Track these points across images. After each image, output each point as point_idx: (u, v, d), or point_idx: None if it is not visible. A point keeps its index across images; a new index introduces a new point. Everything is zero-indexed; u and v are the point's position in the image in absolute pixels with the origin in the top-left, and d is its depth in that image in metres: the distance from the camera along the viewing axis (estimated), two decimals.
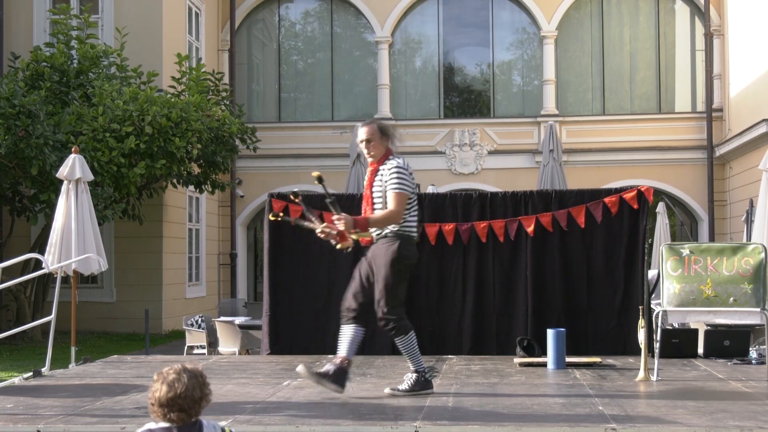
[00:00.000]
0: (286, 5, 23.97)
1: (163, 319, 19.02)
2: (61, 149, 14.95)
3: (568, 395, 7.29)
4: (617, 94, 23.00)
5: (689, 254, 8.15)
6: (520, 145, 22.40)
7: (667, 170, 21.98)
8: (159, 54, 19.29)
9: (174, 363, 3.52)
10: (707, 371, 8.59)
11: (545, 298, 10.45)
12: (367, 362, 9.45)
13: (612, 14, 23.06)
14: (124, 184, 16.06)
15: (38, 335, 16.71)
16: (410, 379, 7.20)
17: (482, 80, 23.76)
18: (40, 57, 16.93)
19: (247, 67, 24.11)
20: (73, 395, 7.49)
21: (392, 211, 6.96)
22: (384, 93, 22.93)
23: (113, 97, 15.94)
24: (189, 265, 20.95)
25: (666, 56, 22.98)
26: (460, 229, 10.59)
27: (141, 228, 18.36)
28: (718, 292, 7.98)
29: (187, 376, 3.60)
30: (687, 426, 5.89)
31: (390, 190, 6.98)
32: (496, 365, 9.22)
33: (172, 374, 3.59)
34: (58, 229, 10.50)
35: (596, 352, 9.96)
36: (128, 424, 6.07)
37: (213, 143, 17.70)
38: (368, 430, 5.97)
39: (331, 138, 22.31)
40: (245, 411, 6.55)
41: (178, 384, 3.57)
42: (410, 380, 7.19)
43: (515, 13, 23.22)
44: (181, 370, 3.62)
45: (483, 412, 6.51)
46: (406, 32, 23.56)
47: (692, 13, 22.87)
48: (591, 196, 10.60)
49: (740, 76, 20.80)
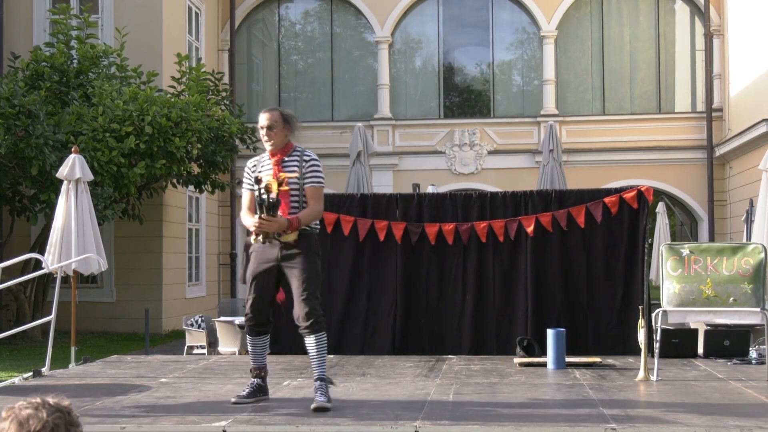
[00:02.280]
0: (286, 5, 23.96)
1: (163, 319, 19.01)
2: (61, 149, 14.94)
3: (568, 395, 7.29)
4: (617, 94, 23.00)
5: (689, 254, 8.15)
6: (520, 145, 22.40)
7: (667, 170, 21.98)
8: (159, 54, 19.29)
9: (35, 396, 2.67)
10: (707, 371, 8.59)
11: (545, 298, 10.46)
12: (366, 362, 9.46)
13: (612, 14, 23.06)
14: (123, 184, 16.05)
15: (38, 335, 16.70)
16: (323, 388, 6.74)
17: (482, 80, 23.76)
18: (40, 57, 16.92)
19: (247, 67, 24.11)
20: (73, 395, 7.48)
21: (318, 207, 6.80)
22: (384, 93, 22.93)
23: (113, 97, 15.93)
24: (189, 265, 20.94)
25: (666, 56, 22.98)
26: (460, 229, 10.60)
27: (141, 228, 18.35)
28: (718, 292, 7.98)
29: (47, 412, 2.65)
30: (687, 426, 5.89)
31: (312, 185, 6.79)
32: (496, 365, 9.22)
33: (27, 409, 2.67)
34: (58, 229, 10.50)
35: (596, 352, 9.97)
36: (128, 424, 6.08)
37: (213, 143, 17.69)
38: (368, 430, 5.98)
39: (331, 138, 22.29)
40: (245, 411, 6.55)
41: (33, 422, 2.64)
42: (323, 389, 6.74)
43: (515, 13, 23.22)
44: (41, 404, 2.68)
45: (483, 412, 6.52)
46: (406, 32, 23.56)
47: (692, 13, 22.87)
48: (591, 196, 10.61)
49: (740, 76, 20.80)
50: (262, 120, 6.83)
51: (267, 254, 6.77)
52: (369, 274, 10.73)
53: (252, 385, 6.96)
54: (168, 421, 6.24)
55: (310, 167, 6.84)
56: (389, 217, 10.76)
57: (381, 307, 10.71)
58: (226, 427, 6.01)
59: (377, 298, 10.73)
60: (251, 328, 6.92)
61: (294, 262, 6.71)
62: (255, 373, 7.01)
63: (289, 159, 6.85)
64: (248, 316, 6.89)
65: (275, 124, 6.81)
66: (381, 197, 11.06)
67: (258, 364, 7.01)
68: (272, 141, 6.82)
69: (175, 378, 8.50)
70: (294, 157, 6.87)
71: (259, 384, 6.98)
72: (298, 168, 6.82)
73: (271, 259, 6.76)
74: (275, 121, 6.81)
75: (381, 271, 10.73)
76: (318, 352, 6.72)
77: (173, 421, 6.21)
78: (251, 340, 6.98)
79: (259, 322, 6.89)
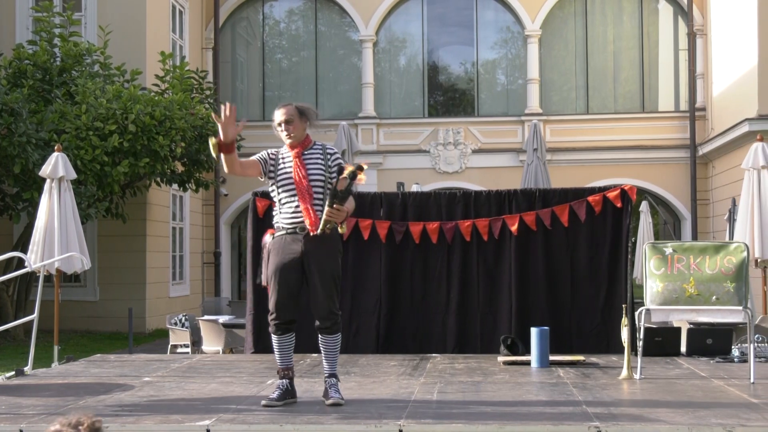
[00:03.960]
0: (270, 3, 23.93)
1: (147, 318, 18.97)
2: (44, 147, 14.88)
3: (552, 394, 7.30)
4: (601, 93, 23.07)
5: (672, 253, 8.18)
6: (504, 144, 22.45)
7: (650, 169, 22.06)
8: (143, 52, 19.24)
9: (70, 414, 2.62)
10: (690, 369, 8.62)
11: (529, 297, 10.47)
12: (351, 361, 9.45)
13: (596, 13, 23.13)
14: (107, 183, 16.00)
15: (21, 334, 16.63)
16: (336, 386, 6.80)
17: (466, 79, 23.79)
18: (22, 55, 16.83)
19: (231, 66, 24.06)
20: (55, 394, 7.45)
21: (352, 199, 6.68)
22: (368, 92, 22.93)
23: (96, 95, 15.88)
24: (173, 264, 20.90)
25: (649, 55, 23.07)
26: (444, 227, 10.60)
27: (124, 226, 18.29)
28: (701, 291, 8.01)
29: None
30: (670, 424, 5.91)
31: None
32: (480, 364, 9.23)
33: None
34: (41, 227, 10.46)
35: (580, 350, 9.99)
36: (112, 423, 6.05)
37: (197, 141, 17.65)
38: (352, 428, 5.97)
39: (316, 136, 22.20)
40: (229, 410, 6.54)
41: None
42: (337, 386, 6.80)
43: (499, 13, 23.27)
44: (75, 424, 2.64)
45: (467, 410, 6.52)
46: (390, 31, 23.57)
47: (675, 12, 22.97)
48: (575, 194, 10.63)
49: (723, 76, 20.89)
50: (279, 116, 6.67)
51: (289, 248, 6.60)
52: (353, 272, 10.72)
53: (281, 387, 6.76)
54: (151, 420, 6.21)
55: (335, 160, 6.73)
56: (373, 216, 10.76)
57: (365, 306, 10.70)
58: (209, 426, 5.99)
59: (361, 296, 10.72)
60: (277, 327, 6.69)
61: (319, 258, 6.58)
62: (282, 374, 6.80)
63: (309, 152, 6.73)
64: (272, 315, 6.68)
65: (292, 117, 6.67)
66: (365, 196, 11.05)
67: (285, 364, 6.79)
68: (292, 134, 6.68)
69: (158, 377, 8.48)
70: (316, 151, 6.76)
71: (287, 385, 6.78)
72: (323, 161, 6.70)
73: (294, 252, 6.59)
74: (292, 114, 6.67)
75: (365, 269, 10.73)
76: (333, 351, 6.72)
77: (157, 421, 6.19)
78: (277, 340, 6.74)
79: (284, 320, 6.68)
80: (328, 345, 6.71)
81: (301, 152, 6.70)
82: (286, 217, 6.66)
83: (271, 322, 6.74)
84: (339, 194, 6.40)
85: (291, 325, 6.75)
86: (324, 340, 6.71)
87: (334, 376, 6.77)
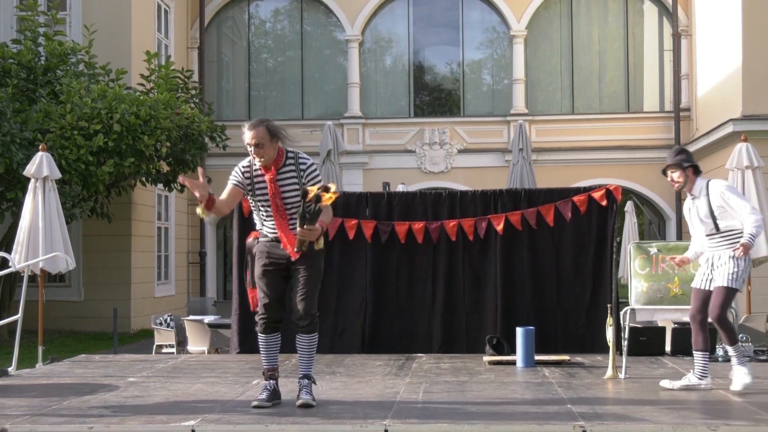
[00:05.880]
0: (256, 3, 23.89)
1: (132, 318, 18.91)
2: (29, 147, 14.81)
3: (537, 393, 7.32)
4: (586, 94, 23.12)
5: (657, 253, 8.21)
6: (490, 144, 22.47)
7: (635, 169, 22.12)
8: (128, 51, 19.17)
9: None
10: (674, 369, 8.66)
11: (514, 297, 10.50)
12: (336, 361, 9.45)
13: (581, 14, 23.19)
14: (92, 183, 15.94)
15: (5, 334, 16.55)
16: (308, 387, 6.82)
17: (452, 79, 23.81)
18: (6, 54, 16.74)
19: (217, 65, 24.01)
20: (40, 395, 7.43)
21: (330, 211, 6.65)
22: (354, 91, 22.92)
23: (81, 94, 15.82)
24: (158, 264, 20.83)
25: (634, 56, 23.14)
26: (429, 227, 10.62)
27: (109, 226, 18.23)
28: (686, 291, 8.04)
29: None
30: (654, 423, 5.93)
31: None
32: (466, 363, 9.25)
33: None
34: (25, 227, 10.41)
35: (565, 350, 10.03)
36: (96, 423, 6.03)
37: (182, 141, 17.61)
38: (338, 428, 5.97)
39: (301, 136, 22.19)
40: (214, 410, 6.53)
41: None
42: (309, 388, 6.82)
43: (485, 13, 23.29)
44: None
45: (452, 410, 6.53)
46: (376, 31, 23.57)
47: (660, 13, 23.04)
48: (560, 194, 10.67)
49: (707, 76, 20.97)
50: (248, 138, 6.49)
51: (276, 252, 6.67)
52: (339, 272, 10.73)
53: (268, 387, 6.77)
54: (136, 420, 6.20)
55: (309, 175, 6.62)
56: (359, 216, 10.77)
57: (351, 306, 10.71)
58: (194, 426, 5.98)
59: (347, 296, 10.73)
60: (265, 324, 6.72)
61: (302, 260, 6.61)
62: (269, 375, 6.82)
63: (283, 172, 6.61)
64: (260, 314, 6.73)
65: (263, 141, 6.48)
66: (351, 196, 11.06)
67: (271, 365, 6.81)
68: (263, 157, 6.54)
69: (143, 377, 8.46)
70: (289, 167, 6.63)
71: (275, 386, 6.81)
72: (297, 179, 6.60)
73: (280, 256, 6.66)
74: (262, 138, 6.47)
75: (351, 269, 10.73)
76: (309, 351, 6.73)
77: (142, 421, 6.18)
78: (263, 338, 6.77)
79: (273, 320, 6.73)
80: (303, 345, 6.72)
81: (275, 176, 6.59)
82: (270, 230, 6.73)
83: (259, 321, 6.78)
84: (306, 216, 6.41)
85: (278, 325, 6.80)
86: (300, 339, 6.73)
87: (307, 377, 6.78)
